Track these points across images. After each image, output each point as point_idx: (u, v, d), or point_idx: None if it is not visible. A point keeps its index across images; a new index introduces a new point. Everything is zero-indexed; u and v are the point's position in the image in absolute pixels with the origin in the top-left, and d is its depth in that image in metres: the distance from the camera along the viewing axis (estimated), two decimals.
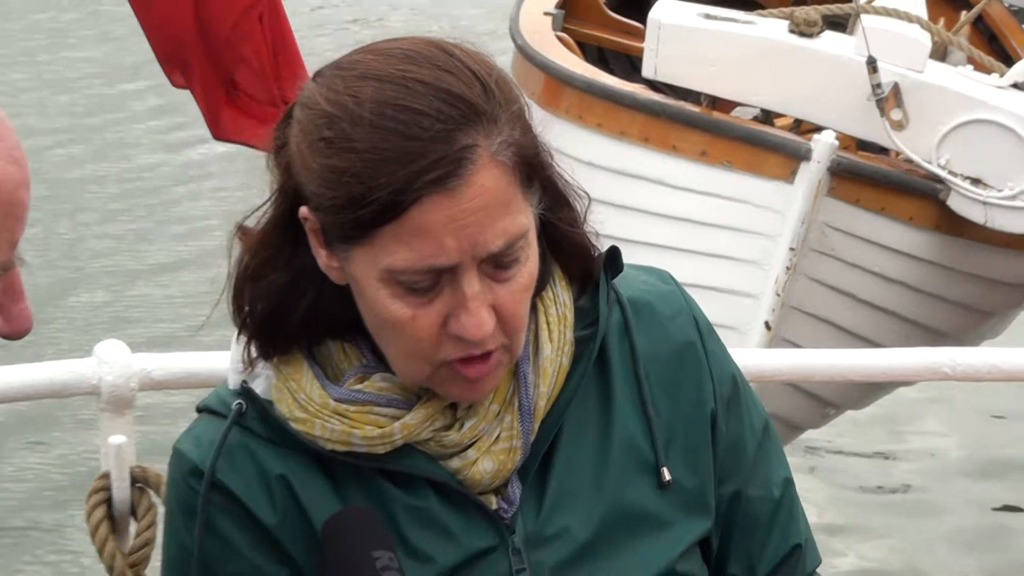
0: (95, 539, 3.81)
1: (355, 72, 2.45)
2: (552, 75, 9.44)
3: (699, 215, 8.46)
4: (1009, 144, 8.01)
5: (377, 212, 2.36)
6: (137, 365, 3.82)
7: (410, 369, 2.50)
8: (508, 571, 2.58)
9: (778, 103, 8.82)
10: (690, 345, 2.72)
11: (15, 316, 2.23)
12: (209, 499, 2.56)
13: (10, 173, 2.14)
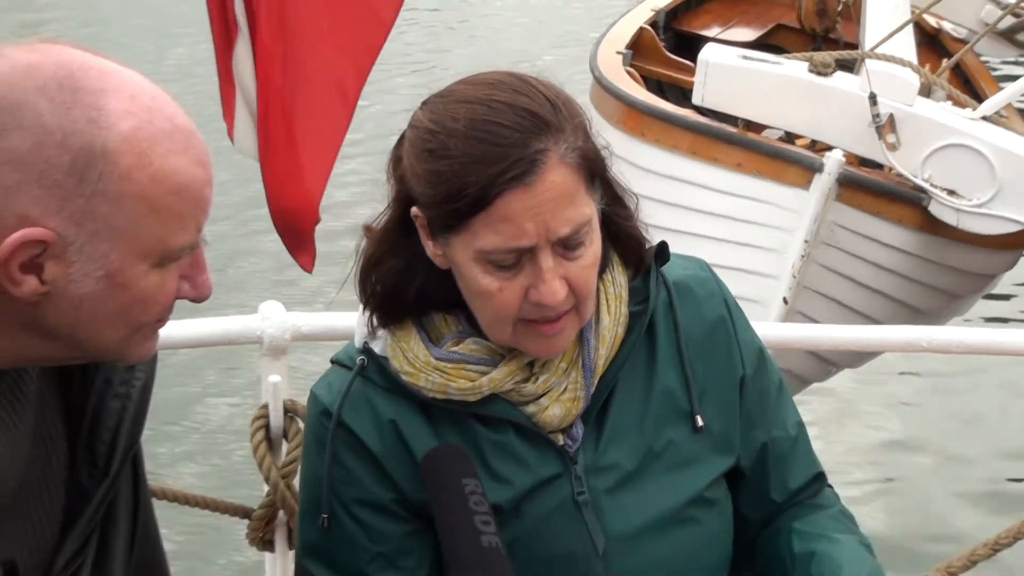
0: (256, 455, 3.88)
1: (451, 98, 2.49)
2: (622, 101, 9.44)
3: (734, 212, 8.47)
4: (978, 164, 8.00)
5: (469, 204, 2.41)
6: (291, 321, 3.86)
7: (498, 330, 2.54)
8: (570, 494, 2.61)
9: (798, 127, 8.82)
10: (721, 320, 2.75)
11: (200, 284, 2.19)
12: (335, 435, 2.61)
13: (198, 175, 2.10)
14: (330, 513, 2.62)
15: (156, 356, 2.35)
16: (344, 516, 2.61)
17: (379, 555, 2.61)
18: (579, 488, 2.62)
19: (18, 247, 2.01)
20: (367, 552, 2.61)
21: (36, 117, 1.99)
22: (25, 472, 2.21)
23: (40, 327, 2.10)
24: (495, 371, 2.58)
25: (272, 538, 3.96)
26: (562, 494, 2.62)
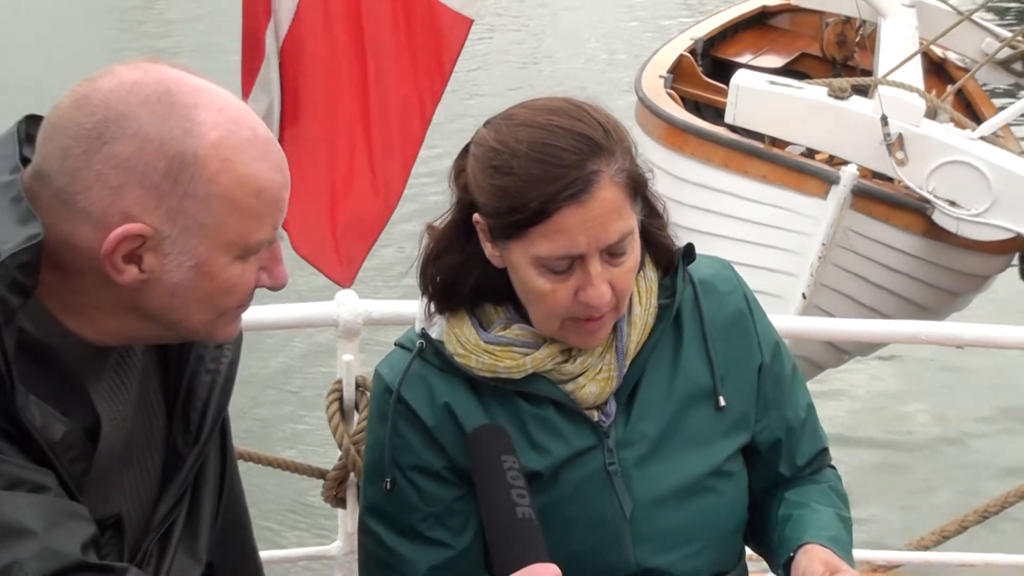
0: (330, 424, 3.87)
1: (514, 121, 2.49)
2: (664, 119, 9.45)
3: (760, 218, 8.46)
4: (976, 179, 7.97)
5: (529, 217, 2.41)
6: (362, 307, 3.84)
7: (547, 325, 2.54)
8: (602, 464, 2.60)
9: (818, 143, 8.80)
10: (741, 313, 2.74)
11: (276, 275, 2.18)
12: (396, 409, 2.61)
13: (276, 178, 2.10)
14: (389, 476, 2.63)
15: (242, 336, 2.35)
16: (401, 480, 2.61)
17: (430, 515, 2.60)
18: (610, 459, 2.61)
19: (121, 240, 2.02)
20: (420, 512, 2.60)
21: (138, 127, 2.01)
22: (129, 437, 2.23)
23: (140, 310, 2.11)
24: (538, 352, 2.57)
25: (344, 496, 3.96)
26: (595, 464, 2.60)
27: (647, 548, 2.63)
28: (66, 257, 2.05)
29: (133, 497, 2.24)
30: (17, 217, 2.00)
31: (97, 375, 2.17)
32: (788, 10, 12.64)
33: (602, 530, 2.60)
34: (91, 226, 2.02)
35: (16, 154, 2.09)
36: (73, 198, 2.02)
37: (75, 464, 2.08)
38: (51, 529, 1.95)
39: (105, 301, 2.10)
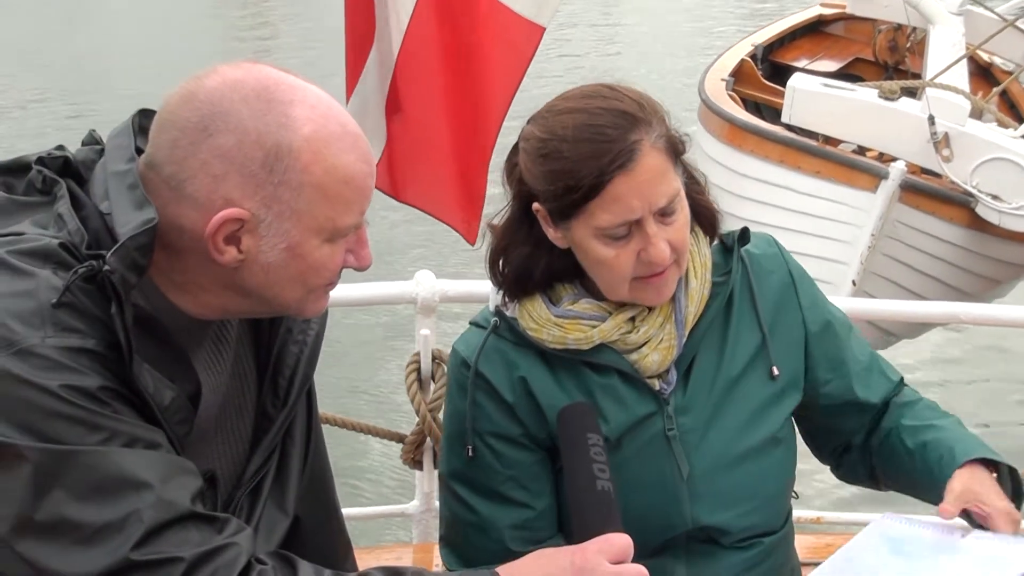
0: (408, 392, 3.90)
1: (555, 111, 2.51)
2: (725, 119, 9.41)
3: (814, 211, 8.42)
4: (1017, 174, 7.92)
5: (586, 193, 2.42)
6: (439, 286, 3.87)
7: (617, 289, 2.54)
8: (662, 429, 2.61)
9: (869, 141, 8.74)
10: (787, 287, 2.72)
11: (362, 257, 2.20)
12: (475, 382, 2.61)
13: (362, 169, 2.12)
14: (470, 444, 2.63)
15: (327, 311, 2.37)
16: (482, 446, 2.62)
17: (511, 478, 2.61)
18: (669, 425, 2.61)
19: (223, 223, 2.06)
20: (501, 475, 2.61)
21: (239, 121, 2.05)
22: (224, 401, 2.28)
23: (238, 287, 2.15)
24: (604, 324, 2.57)
25: (421, 459, 3.99)
26: (655, 429, 2.61)
27: (703, 507, 2.63)
28: (174, 238, 2.09)
29: (226, 455, 2.29)
30: (134, 202, 2.05)
31: (198, 346, 2.22)
32: (843, 18, 12.54)
33: (662, 490, 2.61)
34: (196, 210, 2.07)
35: (132, 145, 2.14)
36: (181, 185, 2.07)
37: (180, 426, 2.14)
38: (165, 482, 2.00)
39: (207, 279, 2.14)
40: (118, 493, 1.96)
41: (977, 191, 8.03)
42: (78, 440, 1.96)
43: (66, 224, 2.07)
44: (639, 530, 2.31)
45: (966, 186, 8.06)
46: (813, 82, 8.92)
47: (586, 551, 2.18)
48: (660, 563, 2.58)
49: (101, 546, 1.94)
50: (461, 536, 2.67)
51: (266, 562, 2.06)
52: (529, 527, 2.59)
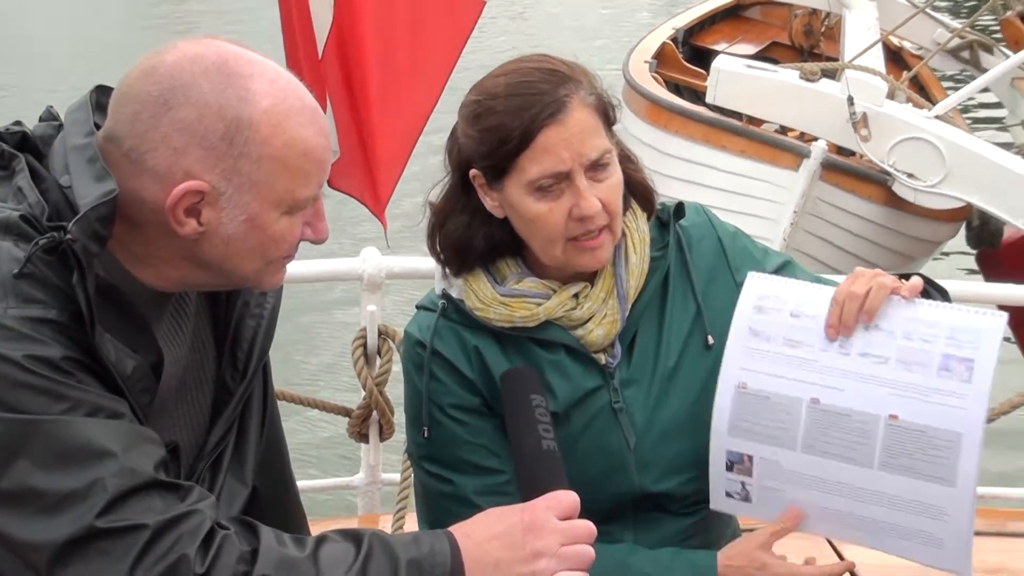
0: (355, 367, 3.89)
1: (490, 76, 2.53)
2: (649, 99, 9.45)
3: (738, 188, 8.48)
4: (932, 153, 7.99)
5: (517, 144, 2.43)
6: (384, 263, 3.86)
7: (551, 249, 2.53)
8: (609, 402, 2.62)
9: (791, 121, 8.80)
10: (717, 253, 2.71)
11: (319, 230, 2.19)
12: (431, 359, 2.60)
13: (320, 142, 2.12)
14: (432, 422, 2.62)
15: (282, 286, 2.36)
16: (447, 420, 2.61)
17: (481, 446, 2.60)
18: (616, 398, 2.61)
19: (183, 195, 2.04)
20: (470, 444, 2.60)
21: (200, 95, 2.03)
22: (184, 373, 2.25)
23: (197, 259, 2.13)
24: (549, 301, 2.57)
25: (367, 432, 3.99)
26: (602, 402, 2.61)
27: (649, 475, 2.64)
28: (134, 211, 2.07)
29: (187, 427, 2.27)
30: (94, 175, 2.03)
31: (158, 318, 2.20)
32: (760, 2, 12.65)
33: (609, 460, 2.61)
34: (157, 183, 2.04)
35: (90, 119, 2.11)
36: (141, 158, 2.04)
37: (142, 395, 2.11)
38: (128, 451, 1.97)
39: (167, 251, 2.12)
40: (82, 462, 1.94)
41: (894, 170, 8.10)
42: (42, 410, 1.93)
43: (26, 197, 2.04)
44: (589, 498, 2.31)
45: (883, 165, 8.13)
46: (737, 64, 8.96)
47: (535, 508, 2.20)
48: (609, 529, 2.56)
49: (66, 514, 1.92)
50: (440, 510, 2.64)
51: (228, 527, 2.04)
52: (501, 491, 2.56)
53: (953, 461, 2.37)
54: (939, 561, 2.42)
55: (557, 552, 2.15)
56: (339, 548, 2.08)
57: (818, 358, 2.46)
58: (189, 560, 1.95)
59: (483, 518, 2.21)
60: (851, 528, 2.49)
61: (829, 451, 2.45)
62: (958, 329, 2.36)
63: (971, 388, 2.34)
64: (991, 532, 3.94)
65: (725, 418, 2.55)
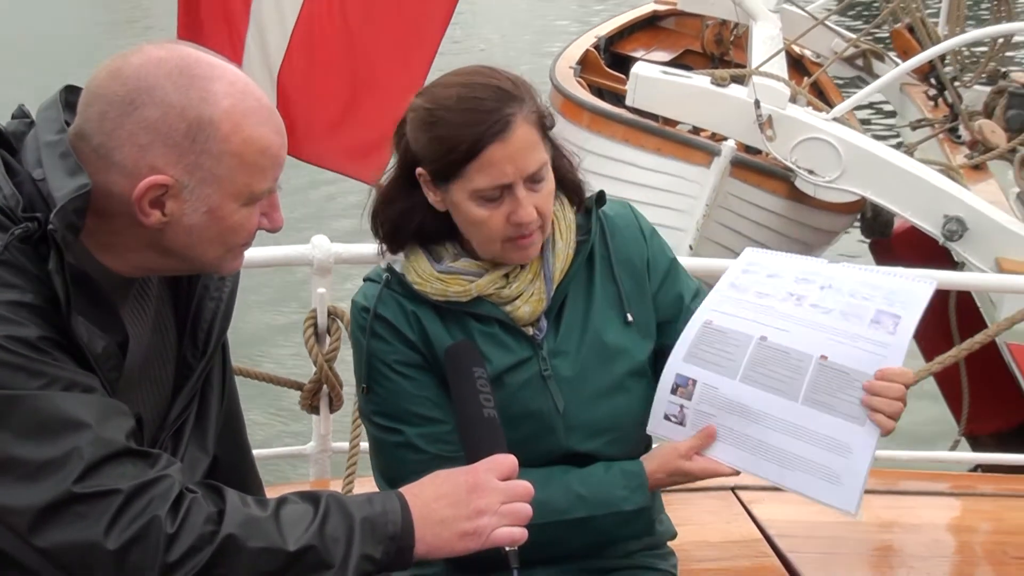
0: (307, 345, 3.89)
1: (439, 85, 2.55)
2: (574, 102, 9.44)
3: (655, 184, 8.46)
4: (829, 152, 8.03)
5: (464, 156, 2.46)
6: (334, 249, 3.86)
7: (488, 248, 2.58)
8: (538, 370, 2.64)
9: (703, 122, 8.81)
10: (638, 242, 2.76)
11: (274, 219, 2.20)
12: (374, 322, 2.62)
13: (276, 140, 2.13)
14: (376, 378, 2.62)
15: (239, 272, 2.37)
16: (391, 374, 2.61)
17: (424, 398, 2.60)
18: (544, 366, 2.64)
19: (148, 189, 2.05)
20: (413, 396, 2.60)
21: (164, 95, 2.03)
22: (147, 351, 2.25)
23: (161, 247, 2.14)
24: (480, 279, 2.61)
25: (318, 404, 3.99)
26: (532, 370, 2.64)
27: (575, 437, 2.66)
28: (103, 203, 2.06)
29: (150, 401, 2.27)
30: (67, 169, 2.03)
31: (123, 301, 2.20)
32: (675, 13, 12.67)
33: (540, 422, 2.63)
34: (123, 177, 2.05)
35: (60, 118, 2.11)
36: (109, 153, 2.05)
37: (111, 372, 2.12)
38: (101, 422, 1.98)
39: (133, 240, 2.13)
40: (59, 432, 1.94)
41: (796, 166, 8.14)
42: (21, 385, 1.93)
43: (1, 190, 2.03)
44: (522, 457, 2.35)
45: (787, 162, 8.16)
46: (654, 70, 8.98)
47: (477, 470, 2.25)
48: None
49: (45, 481, 1.92)
50: (392, 459, 2.63)
51: (196, 491, 2.06)
52: (445, 439, 2.57)
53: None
54: (833, 498, 2.47)
55: (498, 509, 2.21)
56: (299, 508, 2.11)
57: (775, 305, 2.56)
58: (160, 521, 1.96)
59: (430, 480, 2.25)
60: (762, 459, 2.55)
61: (763, 383, 2.54)
62: (894, 291, 2.48)
63: (894, 339, 2.45)
64: (883, 490, 4.00)
65: (685, 347, 2.63)
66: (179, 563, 1.97)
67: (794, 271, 2.59)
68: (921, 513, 3.95)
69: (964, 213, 7.57)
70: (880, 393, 2.44)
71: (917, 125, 9.96)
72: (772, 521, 3.76)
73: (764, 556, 3.59)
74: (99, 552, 1.93)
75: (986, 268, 7.41)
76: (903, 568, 3.64)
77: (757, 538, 3.68)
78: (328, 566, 2.06)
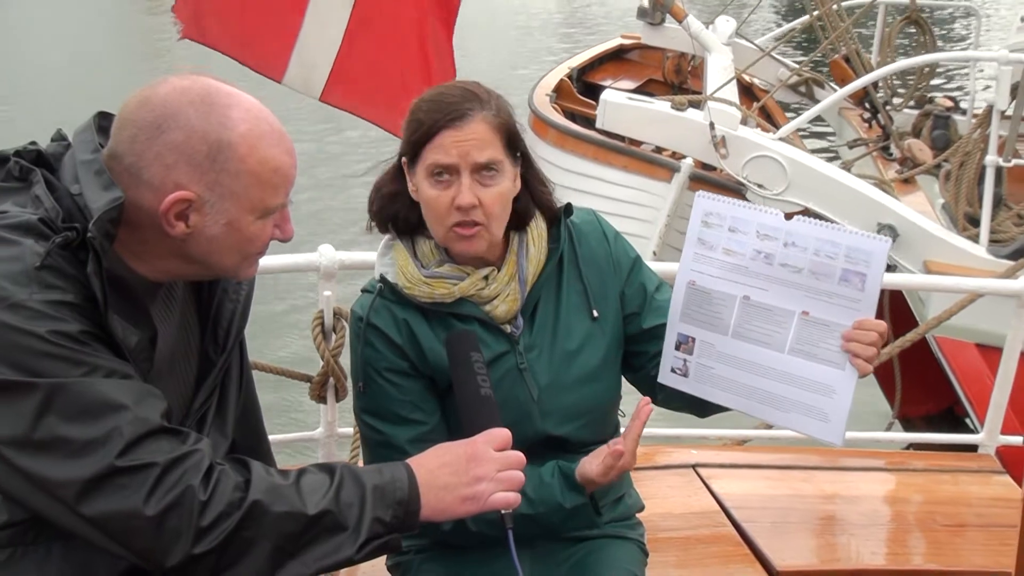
0: (315, 342, 3.87)
1: (433, 88, 2.60)
2: (550, 125, 9.45)
3: (622, 197, 8.46)
4: (776, 168, 8.04)
5: (422, 137, 2.51)
6: (338, 256, 3.83)
7: (439, 230, 2.58)
8: (516, 364, 2.65)
9: (664, 142, 8.80)
10: (604, 248, 2.76)
11: (286, 231, 2.21)
12: (367, 330, 2.63)
13: (287, 160, 2.14)
14: (368, 381, 2.63)
15: (255, 277, 2.37)
16: (380, 380, 2.62)
17: (408, 402, 2.62)
18: (520, 360, 2.66)
19: (174, 203, 2.06)
20: (398, 401, 2.61)
21: (187, 120, 2.05)
22: (174, 347, 2.26)
23: (185, 255, 2.15)
24: (463, 282, 2.61)
25: (325, 394, 3.98)
26: (510, 363, 2.65)
27: (550, 422, 2.68)
28: (133, 216, 2.08)
29: (176, 392, 2.27)
30: (101, 185, 2.05)
31: (152, 302, 2.20)
32: (639, 47, 12.64)
33: (518, 409, 2.64)
34: (152, 192, 2.06)
35: (95, 140, 2.12)
36: (139, 172, 2.06)
37: (143, 364, 2.13)
38: (139, 403, 2.00)
39: (160, 249, 2.14)
40: (101, 414, 1.96)
41: (747, 181, 8.14)
42: (65, 374, 1.95)
43: (43, 203, 2.05)
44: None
45: (739, 177, 8.16)
46: (620, 96, 8.97)
47: (475, 442, 2.28)
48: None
49: (90, 456, 1.94)
50: (377, 456, 2.63)
51: (224, 464, 2.08)
52: (425, 439, 2.57)
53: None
54: (823, 432, 2.57)
55: (495, 476, 2.23)
56: (317, 478, 2.13)
57: (748, 265, 2.60)
58: (194, 489, 1.98)
59: (433, 451, 2.27)
60: (759, 403, 2.62)
61: (752, 337, 2.61)
62: (853, 249, 2.51)
63: (863, 295, 2.51)
64: (827, 467, 4.02)
65: (678, 308, 2.69)
66: (211, 527, 1.99)
67: (753, 225, 2.60)
68: (860, 486, 3.97)
69: (896, 221, 7.59)
70: (858, 340, 2.51)
71: (853, 144, 9.99)
72: (729, 495, 3.77)
73: (722, 526, 3.60)
74: (139, 518, 1.95)
75: (915, 270, 7.43)
76: (844, 535, 3.65)
77: (716, 510, 3.68)
78: (343, 528, 2.09)
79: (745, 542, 3.50)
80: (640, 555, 2.89)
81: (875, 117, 9.96)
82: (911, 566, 3.50)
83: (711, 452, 4.15)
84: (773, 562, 3.38)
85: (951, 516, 3.76)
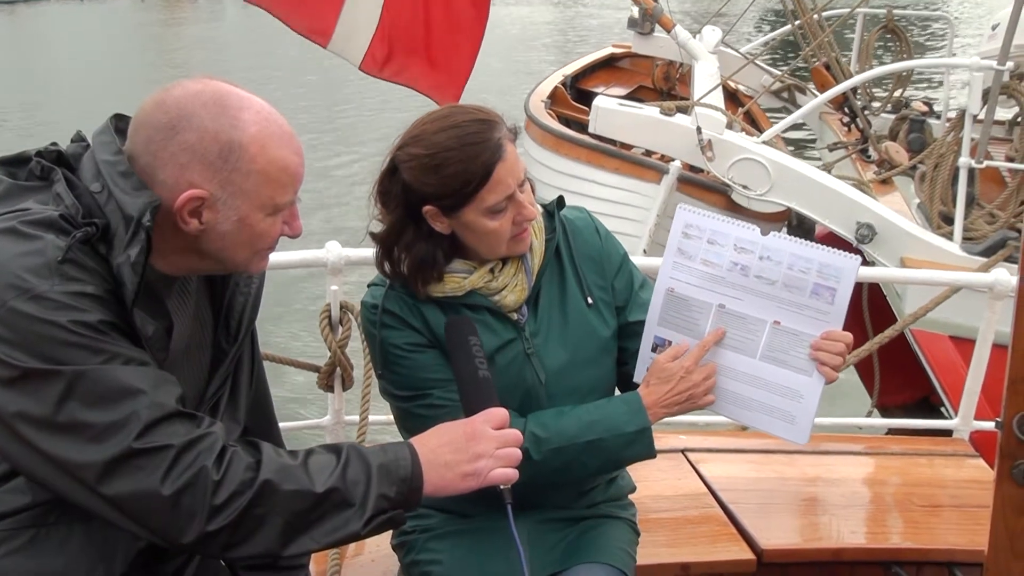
0: (322, 334, 3.87)
1: (428, 133, 2.51)
2: (545, 130, 9.46)
3: (614, 198, 8.49)
4: (760, 170, 8.06)
5: (478, 182, 2.47)
6: (344, 253, 3.84)
7: (496, 250, 2.59)
8: (523, 349, 2.65)
9: (653, 146, 8.82)
10: (596, 242, 2.77)
11: (295, 227, 2.20)
12: (383, 315, 2.62)
13: (295, 160, 2.13)
14: (391, 361, 2.61)
15: (266, 271, 2.38)
16: (405, 354, 2.60)
17: (438, 365, 2.60)
18: (527, 346, 2.66)
19: (188, 201, 2.06)
20: (430, 366, 2.60)
21: (200, 122, 2.04)
22: (188, 337, 2.26)
23: (199, 251, 2.15)
24: (472, 276, 2.62)
25: (332, 384, 3.98)
26: (517, 349, 2.65)
27: (555, 402, 2.68)
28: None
29: (190, 380, 2.27)
30: (132, 186, 2.05)
31: (168, 294, 2.20)
32: (629, 55, 12.65)
33: (527, 392, 2.65)
34: (167, 191, 2.06)
35: (115, 141, 2.11)
36: (155, 172, 2.06)
37: (159, 353, 2.13)
38: (155, 389, 2.00)
39: (175, 244, 2.13)
40: (120, 399, 1.96)
41: (732, 182, 8.16)
42: (86, 361, 1.95)
43: (63, 200, 2.05)
44: (512, 422, 2.36)
45: (724, 179, 8.18)
46: (612, 102, 8.98)
47: (475, 422, 2.28)
48: None
49: (109, 439, 1.94)
50: (423, 419, 2.54)
51: (236, 445, 2.08)
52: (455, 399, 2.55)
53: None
54: (789, 433, 2.63)
55: (493, 453, 2.23)
56: (324, 457, 2.13)
57: (725, 276, 2.62)
58: (207, 470, 1.99)
59: (434, 431, 2.26)
60: (731, 404, 2.65)
61: (726, 343, 2.64)
62: (825, 265, 2.54)
63: (832, 308, 2.55)
64: (809, 451, 4.02)
65: (656, 312, 2.70)
66: (224, 505, 1.99)
67: (731, 238, 2.62)
68: (841, 469, 3.97)
69: (874, 220, 7.60)
70: (825, 349, 2.56)
71: (834, 147, 9.99)
72: (716, 478, 3.77)
73: (709, 507, 3.60)
74: (156, 498, 1.96)
75: (893, 266, 7.44)
76: (826, 516, 3.65)
77: (704, 492, 3.69)
78: (350, 504, 2.09)
79: (732, 522, 3.50)
80: (632, 534, 2.90)
81: (854, 121, 9.96)
82: (889, 544, 3.50)
83: (699, 437, 4.15)
84: (759, 541, 3.39)
85: (927, 497, 3.76)
